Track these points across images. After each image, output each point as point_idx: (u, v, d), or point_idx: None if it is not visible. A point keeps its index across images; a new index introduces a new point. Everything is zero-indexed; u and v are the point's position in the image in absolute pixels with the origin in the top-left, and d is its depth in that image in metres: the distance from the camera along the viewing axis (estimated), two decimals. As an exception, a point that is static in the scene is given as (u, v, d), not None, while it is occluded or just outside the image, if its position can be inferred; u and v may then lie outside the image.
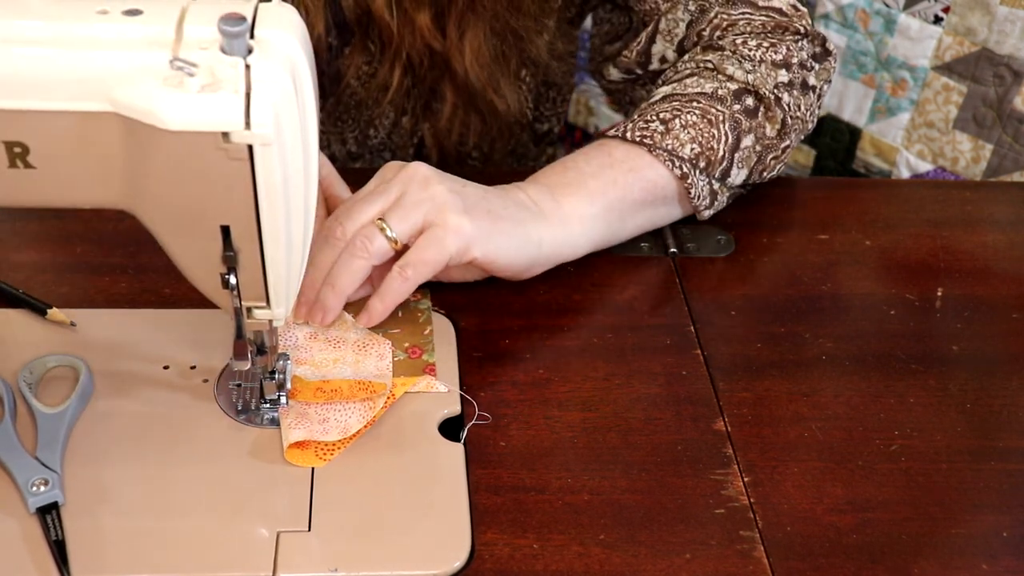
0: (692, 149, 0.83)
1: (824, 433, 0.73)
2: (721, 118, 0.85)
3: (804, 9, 0.92)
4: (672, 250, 0.88)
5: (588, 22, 1.10)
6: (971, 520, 0.68)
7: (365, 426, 0.70)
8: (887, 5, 1.17)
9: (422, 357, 0.76)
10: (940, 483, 0.70)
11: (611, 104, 1.40)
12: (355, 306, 0.78)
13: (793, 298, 0.85)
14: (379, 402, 0.71)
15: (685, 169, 0.84)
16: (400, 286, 0.75)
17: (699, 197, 0.86)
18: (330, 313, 0.75)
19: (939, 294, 0.86)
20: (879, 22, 1.18)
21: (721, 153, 0.85)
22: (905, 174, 1.23)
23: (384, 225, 0.74)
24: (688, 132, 0.84)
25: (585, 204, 0.82)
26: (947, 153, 1.19)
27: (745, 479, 0.69)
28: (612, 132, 0.85)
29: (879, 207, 0.97)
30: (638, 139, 0.84)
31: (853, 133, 1.26)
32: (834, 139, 1.28)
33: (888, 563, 0.65)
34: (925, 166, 1.21)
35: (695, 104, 0.85)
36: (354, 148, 1.06)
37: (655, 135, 0.83)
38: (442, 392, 0.73)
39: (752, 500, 0.68)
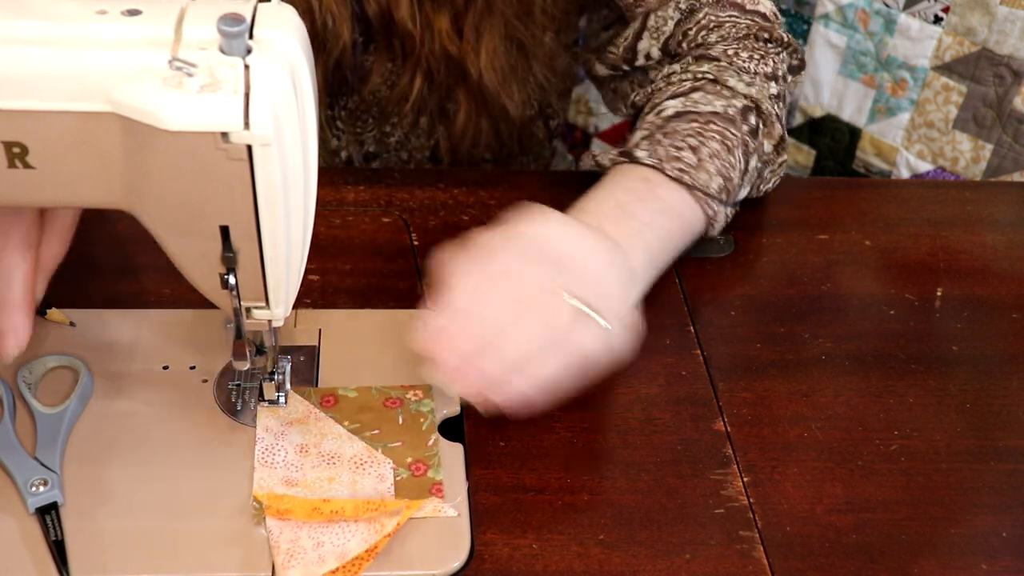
0: (718, 183, 0.82)
1: (824, 433, 0.73)
2: (735, 143, 0.84)
3: (780, 17, 0.94)
4: (672, 250, 0.88)
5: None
6: (971, 520, 0.68)
7: (368, 552, 0.63)
8: (887, 5, 1.17)
9: (427, 474, 0.68)
10: (940, 483, 0.70)
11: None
12: (351, 404, 0.72)
13: (793, 298, 0.85)
14: (388, 523, 0.63)
15: (713, 210, 0.83)
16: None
17: (717, 228, 0.86)
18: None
19: (939, 294, 0.86)
20: (879, 22, 1.18)
21: (737, 181, 0.84)
22: (905, 174, 1.23)
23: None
24: (714, 163, 0.82)
25: (646, 266, 0.79)
26: (947, 153, 1.19)
27: (745, 479, 0.69)
28: (648, 160, 0.82)
29: (879, 207, 0.97)
30: (676, 175, 0.81)
31: (853, 133, 1.26)
32: (834, 139, 1.28)
33: (887, 563, 0.65)
34: (925, 166, 1.21)
35: (713, 127, 0.84)
36: (372, 148, 1.07)
37: (690, 171, 0.81)
38: (451, 516, 0.66)
39: (752, 500, 0.68)
